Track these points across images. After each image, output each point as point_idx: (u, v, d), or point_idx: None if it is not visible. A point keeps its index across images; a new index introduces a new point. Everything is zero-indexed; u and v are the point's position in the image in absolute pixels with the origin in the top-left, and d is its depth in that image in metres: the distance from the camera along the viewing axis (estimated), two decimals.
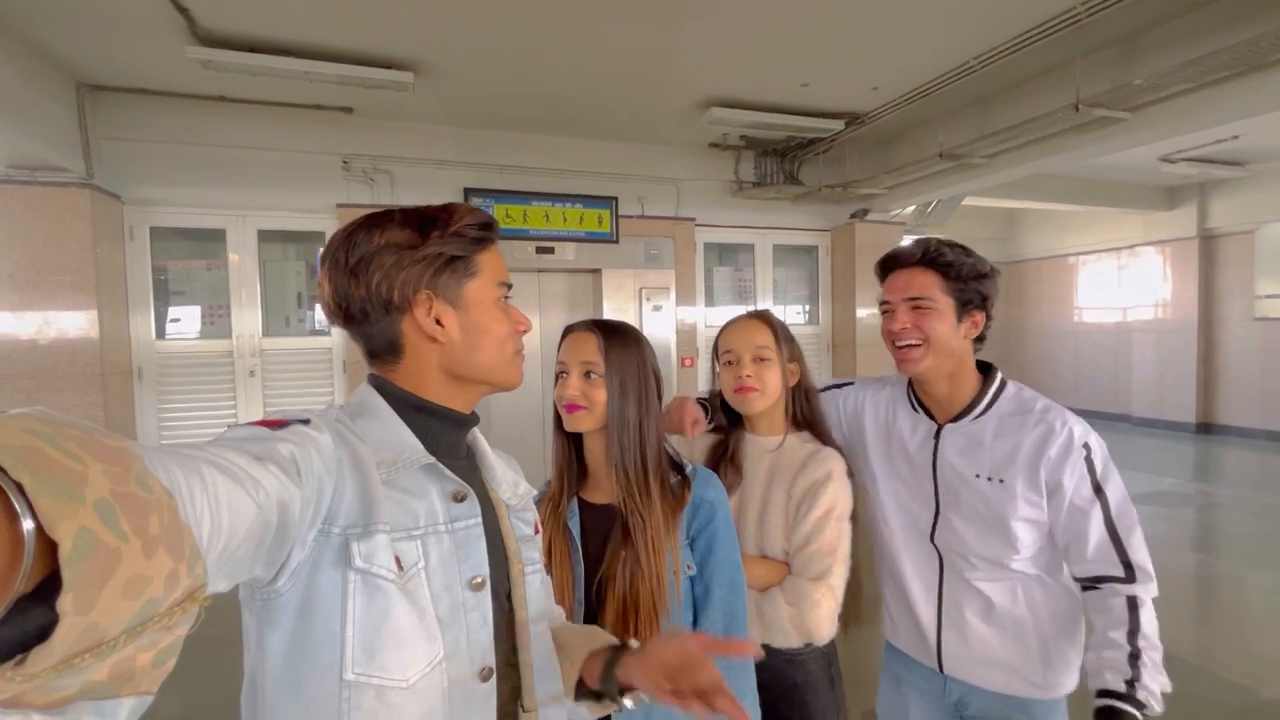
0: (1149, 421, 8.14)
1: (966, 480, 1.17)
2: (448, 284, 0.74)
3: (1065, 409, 1.16)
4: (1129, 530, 1.07)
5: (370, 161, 4.53)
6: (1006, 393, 1.21)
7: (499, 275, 0.79)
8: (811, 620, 1.16)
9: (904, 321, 1.18)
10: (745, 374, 1.26)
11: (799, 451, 1.27)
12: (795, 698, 1.19)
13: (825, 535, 1.20)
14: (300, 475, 0.56)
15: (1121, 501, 1.08)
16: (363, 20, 3.21)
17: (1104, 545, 1.07)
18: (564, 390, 1.07)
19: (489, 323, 0.77)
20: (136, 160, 4.04)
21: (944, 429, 1.21)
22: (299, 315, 4.64)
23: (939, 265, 1.17)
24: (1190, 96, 3.42)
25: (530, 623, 0.81)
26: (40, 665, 0.30)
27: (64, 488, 0.31)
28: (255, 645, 0.63)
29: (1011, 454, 1.13)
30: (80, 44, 3.37)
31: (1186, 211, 7.69)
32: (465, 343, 0.76)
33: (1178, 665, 2.70)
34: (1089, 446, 1.10)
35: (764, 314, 1.34)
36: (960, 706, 1.23)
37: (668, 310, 5.33)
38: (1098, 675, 1.01)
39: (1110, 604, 1.05)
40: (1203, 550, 4.21)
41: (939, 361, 1.18)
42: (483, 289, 0.77)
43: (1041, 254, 9.52)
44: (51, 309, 3.72)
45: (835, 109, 4.55)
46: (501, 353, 0.79)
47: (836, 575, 1.20)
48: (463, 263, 0.75)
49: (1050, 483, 1.10)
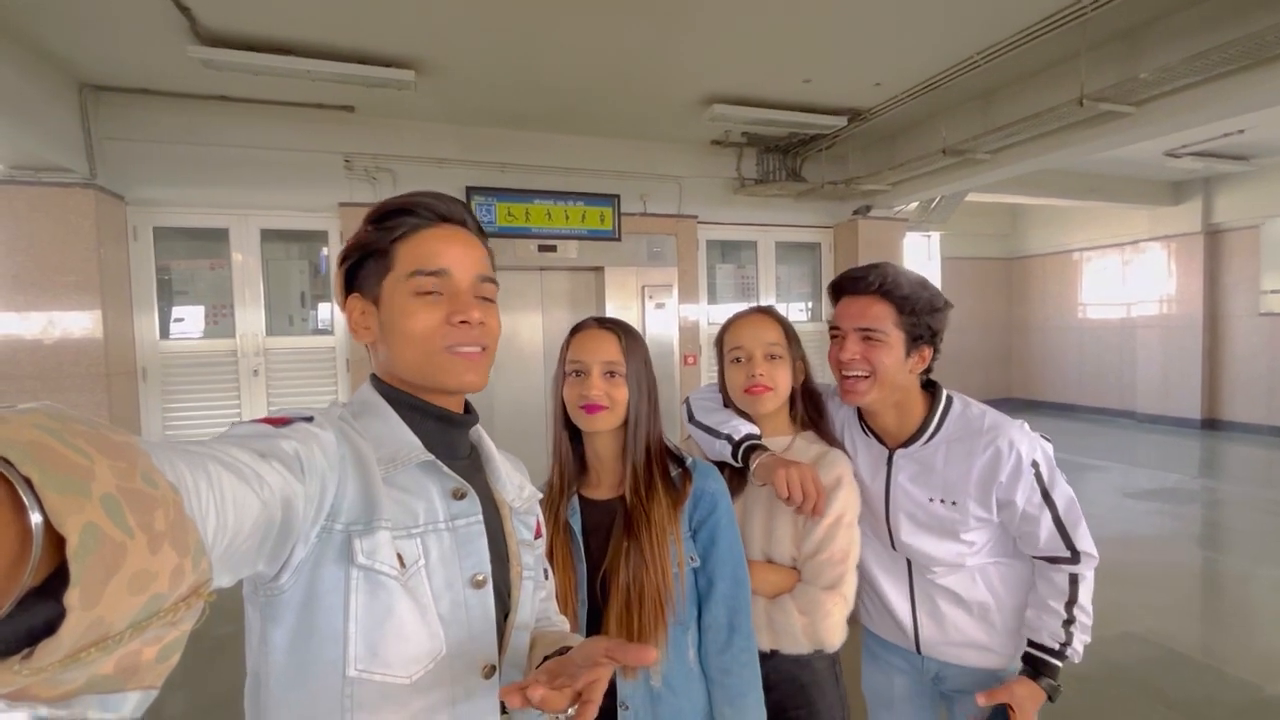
0: (1154, 418, 8.12)
1: (920, 503, 1.22)
2: (367, 281, 0.73)
3: (1009, 422, 1.19)
4: (1075, 524, 1.17)
5: (372, 160, 4.53)
6: (953, 412, 1.22)
7: (416, 264, 0.71)
8: (824, 629, 1.16)
9: (853, 352, 1.18)
10: (759, 373, 1.23)
11: (807, 454, 1.26)
12: (803, 698, 1.19)
13: (837, 543, 1.18)
14: (304, 472, 0.56)
15: (1068, 504, 1.17)
16: (364, 18, 3.20)
17: (1053, 538, 1.17)
18: (585, 390, 1.05)
19: (398, 320, 0.71)
20: (139, 160, 4.05)
21: (895, 455, 1.25)
22: (302, 314, 4.64)
23: (894, 298, 1.17)
24: (1195, 90, 3.40)
25: (514, 628, 0.80)
26: (47, 659, 0.31)
27: (71, 483, 0.31)
28: (259, 641, 0.63)
29: (963, 478, 1.17)
30: (82, 44, 3.37)
31: (1191, 206, 7.65)
32: (385, 344, 0.73)
33: (1184, 663, 2.70)
34: (1036, 463, 1.16)
35: (771, 310, 1.32)
36: (938, 680, 1.32)
37: (670, 308, 5.33)
38: (1036, 632, 1.19)
39: (1055, 578, 1.19)
40: (1209, 546, 4.19)
41: (884, 395, 1.20)
42: (394, 283, 0.71)
43: (1045, 250, 9.49)
44: (56, 309, 3.73)
45: (838, 105, 4.53)
46: (423, 350, 0.71)
47: (848, 583, 1.19)
48: (380, 256, 0.72)
49: (1002, 500, 1.17)
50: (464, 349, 0.72)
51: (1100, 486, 5.46)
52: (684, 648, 1.05)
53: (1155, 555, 3.92)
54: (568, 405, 1.08)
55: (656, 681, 1.03)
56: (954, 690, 1.30)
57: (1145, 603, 3.26)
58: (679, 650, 1.04)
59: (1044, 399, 9.55)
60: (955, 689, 1.29)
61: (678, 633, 1.04)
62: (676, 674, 1.04)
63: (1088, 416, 8.89)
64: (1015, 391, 9.83)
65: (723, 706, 1.05)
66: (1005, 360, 9.95)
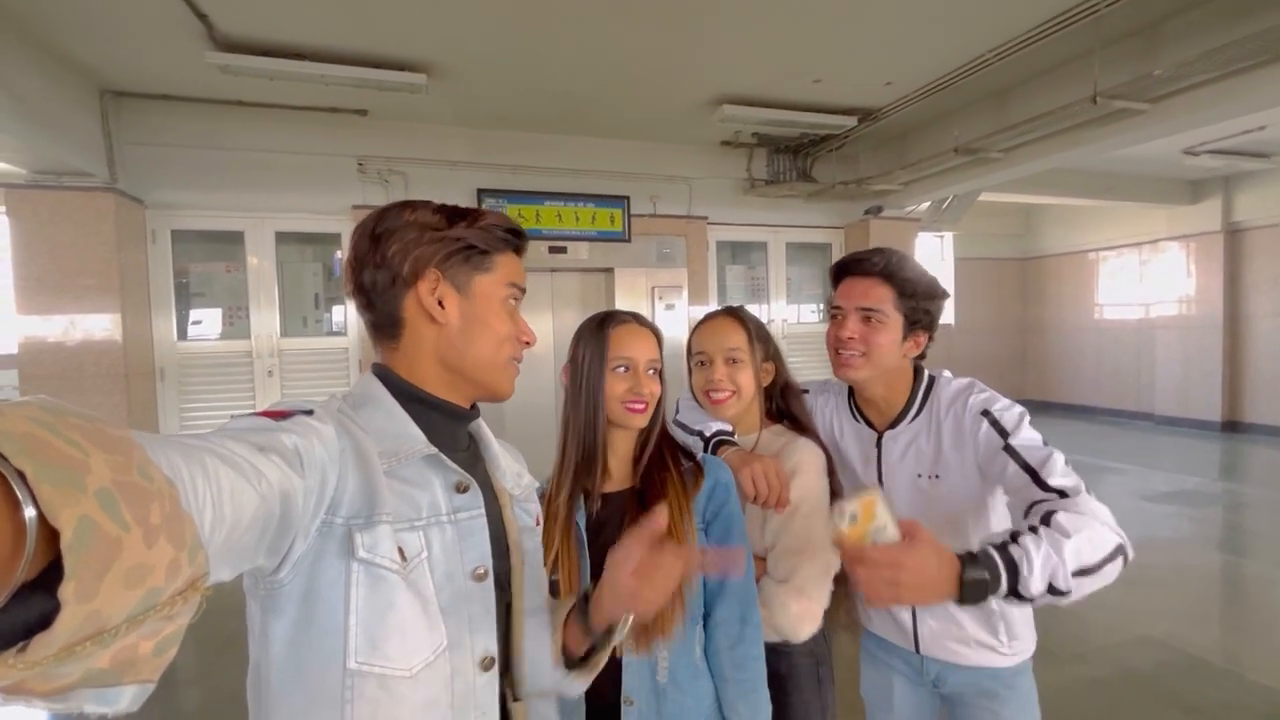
0: (1172, 420, 7.98)
1: (909, 483, 1.22)
2: (459, 269, 0.76)
3: (976, 384, 1.20)
4: (1041, 463, 1.03)
5: (385, 163, 4.58)
6: (935, 389, 1.24)
7: (513, 277, 0.80)
8: (782, 622, 1.14)
9: (852, 330, 1.20)
10: (716, 378, 1.24)
11: (772, 446, 1.25)
12: (774, 685, 1.14)
13: (791, 534, 1.17)
14: (303, 466, 0.57)
15: (1031, 445, 1.06)
16: (376, 23, 3.24)
17: (1027, 486, 1.03)
18: (637, 388, 1.05)
19: (489, 317, 0.77)
20: (158, 165, 4.12)
21: (884, 436, 1.26)
22: (316, 316, 4.70)
23: (896, 280, 1.19)
24: (1212, 87, 3.35)
25: (526, 614, 0.81)
26: (42, 653, 0.31)
27: (66, 476, 0.31)
28: (260, 633, 0.64)
29: (937, 447, 1.19)
30: (104, 52, 3.45)
31: (1211, 205, 7.52)
32: (462, 331, 0.76)
33: (1202, 668, 2.65)
34: (988, 413, 1.13)
35: (737, 311, 1.31)
36: (938, 683, 1.29)
37: (680, 309, 5.33)
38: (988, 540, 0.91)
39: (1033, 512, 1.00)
40: (1229, 550, 4.11)
41: (875, 374, 1.22)
42: (493, 285, 0.78)
43: (1060, 250, 9.37)
44: (77, 311, 3.81)
45: (848, 105, 4.51)
46: (497, 353, 0.78)
47: (803, 576, 1.15)
48: (480, 255, 0.77)
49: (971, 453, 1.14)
50: (518, 363, 0.82)
51: (1117, 489, 5.38)
52: (690, 644, 1.04)
53: (1173, 559, 3.86)
54: (610, 401, 1.06)
55: (662, 677, 1.02)
56: (954, 693, 1.28)
57: (1162, 606, 3.21)
58: (685, 646, 1.04)
59: (1059, 400, 9.42)
60: (955, 691, 1.28)
61: (688, 626, 1.04)
62: (683, 669, 1.03)
63: (1104, 418, 8.76)
64: (1030, 393, 9.71)
65: (736, 701, 1.04)
66: (1020, 362, 9.84)
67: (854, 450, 1.30)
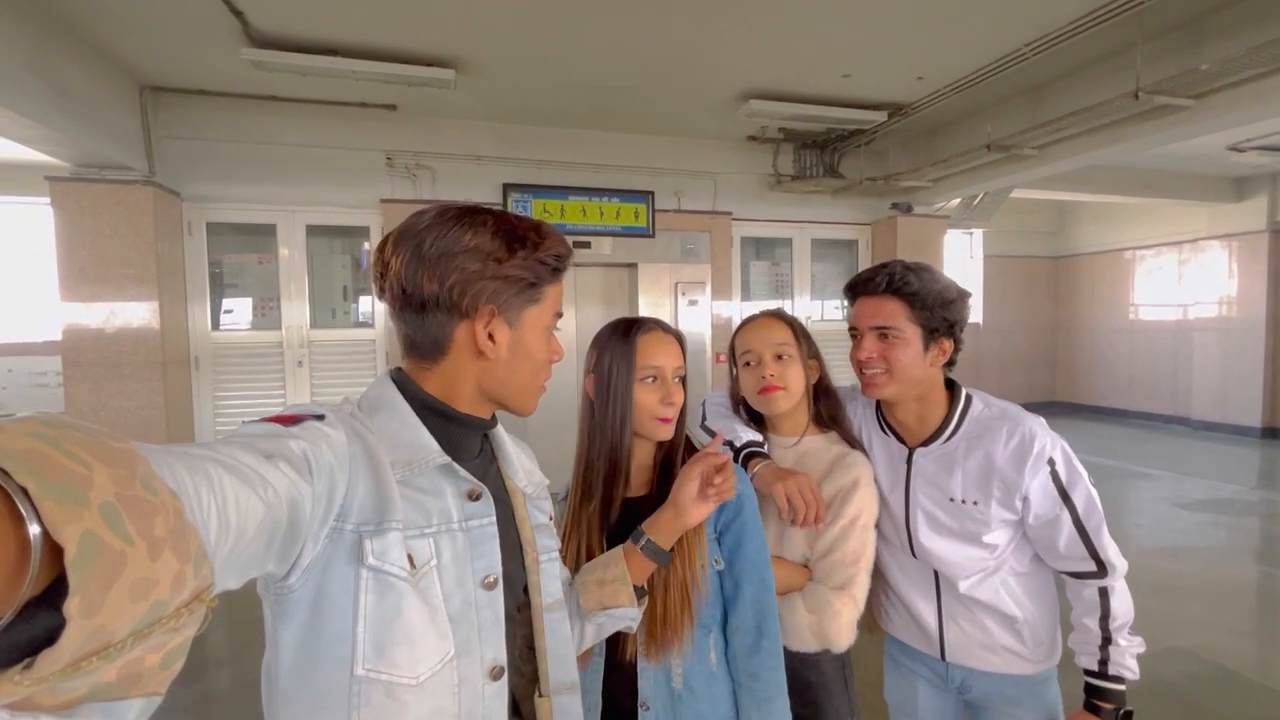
0: (1210, 425, 7.74)
1: (940, 503, 1.20)
2: (512, 304, 0.74)
3: (1029, 414, 1.18)
4: (1096, 529, 1.13)
5: (413, 158, 4.63)
6: (973, 409, 1.21)
7: (557, 305, 0.80)
8: (831, 629, 1.15)
9: (870, 350, 1.19)
10: (769, 373, 1.24)
11: (825, 454, 1.25)
12: (809, 696, 1.18)
13: (850, 544, 1.18)
14: (311, 472, 0.56)
15: (1088, 505, 1.13)
16: (406, 19, 3.28)
17: (1074, 543, 1.14)
18: (669, 398, 1.05)
19: (534, 349, 0.78)
20: (195, 158, 4.23)
21: (915, 453, 1.23)
22: (345, 308, 4.78)
23: (904, 294, 1.17)
24: (1261, 82, 3.23)
25: (545, 610, 0.81)
26: (48, 668, 0.31)
27: (69, 491, 0.31)
28: (270, 637, 0.65)
29: (985, 473, 1.16)
30: (143, 48, 3.54)
31: (1256, 203, 7.25)
32: (508, 363, 0.76)
33: (1237, 681, 2.58)
34: (1053, 460, 1.13)
35: (780, 312, 1.33)
36: (963, 690, 1.29)
37: (703, 305, 5.31)
38: (1079, 657, 1.18)
39: (1084, 594, 1.17)
40: (1267, 561, 3.99)
41: (904, 389, 1.20)
42: (540, 315, 0.78)
43: (1095, 248, 9.12)
44: (117, 300, 3.93)
45: (878, 100, 4.44)
46: (534, 379, 0.80)
47: (859, 585, 1.18)
48: (533, 288, 0.75)
49: (1023, 495, 1.14)
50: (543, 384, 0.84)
51: (1149, 495, 5.24)
52: (706, 650, 1.05)
53: (1207, 568, 3.75)
54: (640, 410, 1.04)
55: (678, 683, 1.03)
56: (979, 699, 1.27)
57: (1195, 617, 3.12)
58: (701, 653, 1.04)
59: (1090, 403, 9.19)
60: (980, 698, 1.27)
61: (700, 635, 1.04)
62: (698, 676, 1.03)
63: (1137, 422, 8.53)
64: (1060, 395, 9.49)
65: (750, 711, 1.04)
66: (1050, 362, 9.61)
67: (882, 464, 1.28)
